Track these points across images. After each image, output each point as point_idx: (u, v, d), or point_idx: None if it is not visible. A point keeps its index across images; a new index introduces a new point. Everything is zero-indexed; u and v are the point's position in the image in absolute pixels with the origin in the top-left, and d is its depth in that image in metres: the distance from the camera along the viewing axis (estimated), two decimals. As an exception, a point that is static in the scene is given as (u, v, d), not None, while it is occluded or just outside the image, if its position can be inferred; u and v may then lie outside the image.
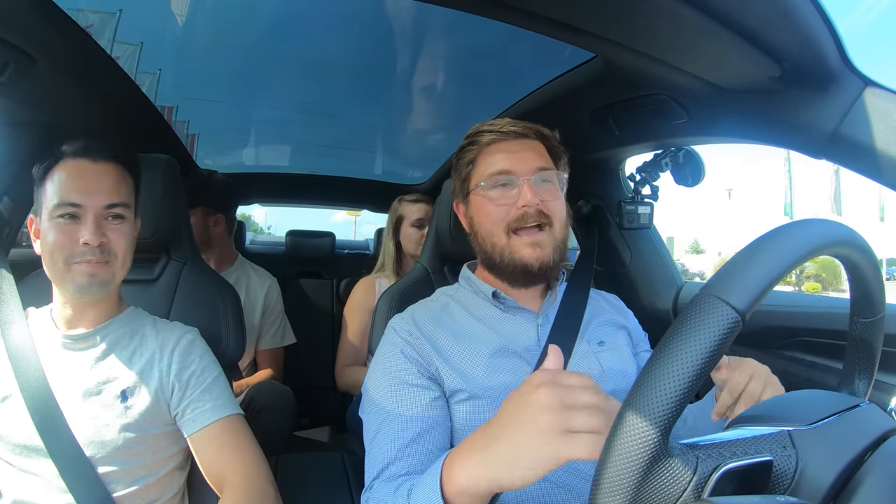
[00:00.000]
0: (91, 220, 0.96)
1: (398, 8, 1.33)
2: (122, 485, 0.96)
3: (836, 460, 0.45)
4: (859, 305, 0.59)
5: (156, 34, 1.43)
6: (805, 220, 0.49)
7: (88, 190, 0.96)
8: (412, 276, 1.35)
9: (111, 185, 0.99)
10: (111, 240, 0.98)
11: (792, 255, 0.44)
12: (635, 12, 0.82)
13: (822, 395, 0.56)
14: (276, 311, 2.16)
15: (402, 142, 2.45)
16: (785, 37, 0.82)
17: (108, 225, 0.98)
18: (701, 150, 1.46)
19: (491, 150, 1.02)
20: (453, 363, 0.95)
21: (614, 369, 1.02)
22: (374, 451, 0.90)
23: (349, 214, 12.11)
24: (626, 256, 1.72)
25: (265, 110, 2.07)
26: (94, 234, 0.95)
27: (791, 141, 1.00)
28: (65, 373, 0.97)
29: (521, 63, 1.49)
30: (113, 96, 1.47)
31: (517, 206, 0.96)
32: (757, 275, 0.42)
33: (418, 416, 0.90)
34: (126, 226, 1.01)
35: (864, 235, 0.53)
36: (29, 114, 1.29)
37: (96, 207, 0.97)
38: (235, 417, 1.03)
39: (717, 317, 0.40)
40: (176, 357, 1.02)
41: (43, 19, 1.03)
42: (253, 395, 1.71)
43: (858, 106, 0.86)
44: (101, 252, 0.96)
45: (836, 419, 0.49)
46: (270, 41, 1.51)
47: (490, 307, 1.04)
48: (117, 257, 0.99)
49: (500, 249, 0.98)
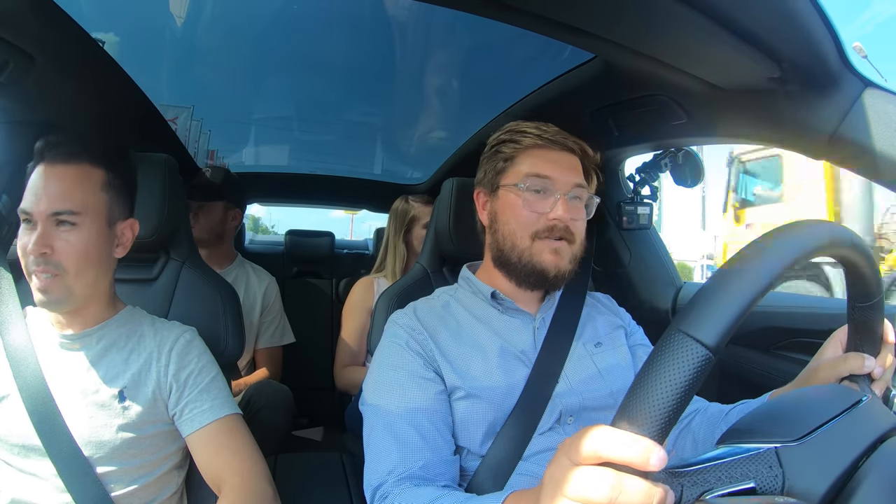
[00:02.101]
0: (39, 227, 0.90)
1: (398, 8, 1.33)
2: (120, 484, 0.96)
3: (824, 476, 0.44)
4: (856, 292, 0.59)
5: (155, 32, 1.42)
6: (766, 237, 0.48)
7: (37, 197, 0.91)
8: (411, 276, 1.35)
9: (61, 190, 0.92)
10: (57, 249, 0.90)
11: (762, 279, 0.43)
12: (635, 13, 0.82)
13: (820, 394, 0.55)
14: (275, 309, 2.15)
15: (402, 141, 2.44)
16: (785, 38, 0.82)
17: (57, 233, 0.91)
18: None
19: (534, 153, 1.02)
20: (453, 361, 0.95)
21: (612, 370, 1.02)
22: (378, 447, 0.89)
23: (346, 213, 12.15)
24: (625, 257, 1.72)
25: (266, 109, 2.07)
26: (35, 244, 0.89)
27: (791, 142, 1.00)
28: (63, 372, 0.97)
29: (520, 63, 1.48)
30: (112, 95, 1.47)
31: (548, 217, 0.97)
32: (726, 309, 0.41)
33: (425, 409, 0.90)
34: (77, 234, 0.92)
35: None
36: (28, 113, 1.29)
37: (42, 215, 0.90)
38: (234, 417, 1.03)
39: (687, 356, 0.40)
40: (174, 357, 1.02)
41: (42, 18, 1.03)
42: (251, 394, 1.71)
43: (858, 107, 0.86)
44: (46, 263, 0.90)
45: (828, 429, 0.48)
46: (271, 41, 1.51)
47: (488, 307, 1.04)
48: (67, 270, 0.91)
49: (519, 251, 0.99)
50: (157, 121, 1.77)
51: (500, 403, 0.93)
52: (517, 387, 0.95)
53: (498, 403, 0.93)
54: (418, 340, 0.97)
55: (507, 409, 0.93)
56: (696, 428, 0.99)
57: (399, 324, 1.00)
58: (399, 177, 2.80)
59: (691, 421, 1.01)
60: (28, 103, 1.25)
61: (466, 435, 0.93)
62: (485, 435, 0.92)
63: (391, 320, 1.03)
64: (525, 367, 0.97)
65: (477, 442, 0.92)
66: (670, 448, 1.01)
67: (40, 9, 1.01)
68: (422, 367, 0.94)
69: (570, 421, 0.95)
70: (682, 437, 1.00)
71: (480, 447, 0.92)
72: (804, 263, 0.48)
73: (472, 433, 0.93)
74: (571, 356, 1.00)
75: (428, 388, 0.92)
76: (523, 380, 0.95)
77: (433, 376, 0.94)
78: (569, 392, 0.96)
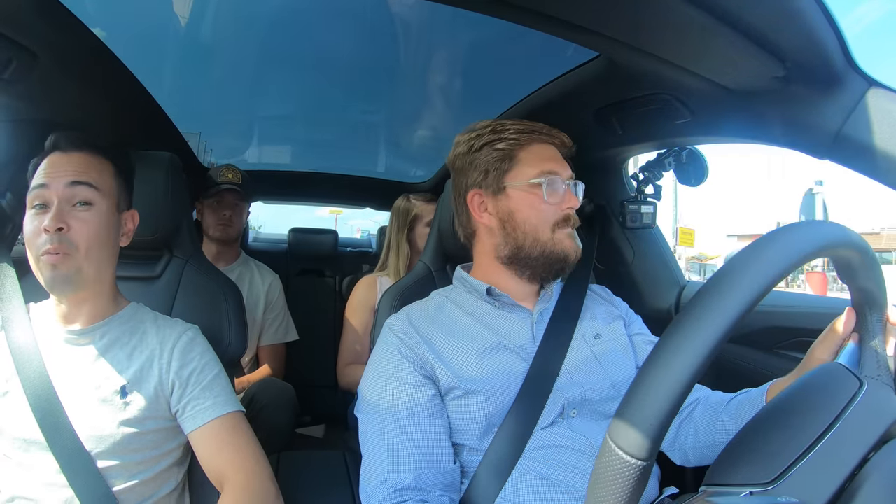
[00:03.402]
0: (55, 205, 0.93)
1: (401, 5, 1.33)
2: (121, 479, 0.96)
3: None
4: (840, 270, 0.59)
5: (158, 30, 1.43)
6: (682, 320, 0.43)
7: (53, 172, 0.95)
8: (414, 274, 1.35)
9: (78, 166, 0.96)
10: (73, 227, 0.93)
11: (692, 365, 0.40)
12: (639, 11, 0.82)
13: (812, 403, 0.52)
14: (279, 307, 2.16)
15: (405, 139, 2.44)
16: (789, 37, 0.81)
17: (73, 212, 0.94)
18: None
19: (535, 150, 1.04)
20: (447, 360, 0.96)
21: (612, 361, 1.03)
22: (372, 454, 0.91)
23: (330, 212, 12.16)
24: (628, 256, 1.72)
25: (268, 107, 2.08)
26: (52, 220, 0.91)
27: (795, 141, 1.00)
28: (66, 368, 0.97)
29: (524, 61, 1.48)
30: (116, 93, 1.47)
31: (561, 208, 1.01)
32: (653, 418, 0.40)
33: (416, 416, 0.91)
34: (93, 214, 0.96)
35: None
36: (31, 110, 1.29)
37: (59, 187, 0.93)
38: (236, 415, 1.03)
39: (622, 471, 0.40)
40: (176, 354, 1.02)
41: (45, 16, 1.03)
42: (254, 392, 1.71)
43: (862, 106, 0.86)
44: (60, 241, 0.91)
45: (805, 464, 0.46)
46: (273, 38, 1.51)
47: (483, 304, 1.05)
48: (79, 249, 0.94)
49: (543, 243, 1.01)
50: (160, 119, 1.78)
51: (497, 398, 0.93)
52: (515, 381, 0.95)
53: (495, 398, 0.93)
54: (410, 345, 0.97)
55: (505, 404, 0.94)
56: (698, 417, 1.00)
57: (391, 329, 1.02)
58: (402, 175, 2.80)
59: (693, 411, 1.02)
60: (31, 101, 1.25)
61: (465, 432, 0.93)
62: (483, 430, 0.93)
63: (385, 326, 1.04)
64: (523, 363, 0.98)
65: (475, 438, 0.93)
66: (672, 441, 1.02)
67: (44, 6, 1.01)
68: (413, 373, 0.95)
69: (573, 414, 0.96)
70: (684, 427, 1.01)
71: (480, 443, 0.93)
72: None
73: (470, 430, 0.93)
74: (571, 348, 1.01)
75: (419, 396, 0.93)
76: (521, 374, 0.96)
77: (425, 381, 0.94)
78: (570, 384, 0.97)
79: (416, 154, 2.59)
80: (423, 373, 0.95)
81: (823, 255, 0.51)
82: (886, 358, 0.64)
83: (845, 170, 0.92)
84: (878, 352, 0.64)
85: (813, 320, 1.25)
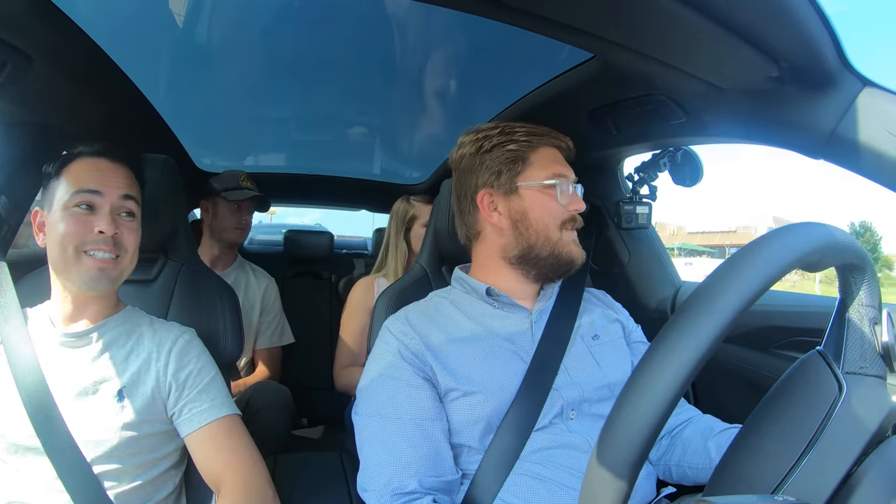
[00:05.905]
0: (107, 210, 0.98)
1: (396, 7, 1.33)
2: (118, 483, 0.96)
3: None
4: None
5: (153, 33, 1.42)
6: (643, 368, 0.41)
7: (106, 181, 1.00)
8: (411, 276, 1.35)
9: (126, 180, 1.03)
10: (123, 234, 0.99)
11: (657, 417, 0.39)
12: (633, 12, 0.82)
13: (794, 411, 0.51)
14: (275, 310, 2.16)
15: (401, 141, 2.44)
16: (783, 37, 0.82)
17: (120, 220, 1.00)
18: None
19: (545, 153, 1.07)
20: (446, 361, 0.96)
21: (609, 362, 1.03)
22: (371, 457, 0.90)
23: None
24: (624, 256, 1.72)
25: (263, 110, 2.07)
26: (109, 224, 0.97)
27: (789, 141, 1.00)
28: (62, 371, 0.97)
29: (519, 63, 1.49)
30: (111, 96, 1.47)
31: (569, 209, 1.04)
32: (628, 455, 0.39)
33: (416, 419, 0.91)
34: (136, 224, 1.03)
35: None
36: (26, 113, 1.28)
37: (113, 197, 0.99)
38: (232, 418, 1.03)
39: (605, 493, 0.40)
40: (173, 357, 1.02)
41: (41, 19, 1.03)
42: (251, 395, 1.71)
43: (856, 106, 0.86)
44: (115, 244, 0.98)
45: (796, 475, 0.46)
46: (267, 40, 1.51)
47: (482, 304, 1.05)
48: (127, 252, 1.01)
49: (552, 243, 1.03)
50: (156, 121, 1.77)
51: (496, 398, 0.93)
52: (514, 381, 0.95)
53: (495, 398, 0.94)
54: (409, 346, 0.97)
55: (504, 404, 0.94)
56: (688, 436, 1.01)
57: (390, 330, 1.01)
58: (398, 176, 2.80)
59: (683, 429, 1.02)
60: (26, 104, 1.25)
61: (466, 432, 0.93)
62: (484, 430, 0.93)
63: (384, 327, 1.04)
64: (522, 362, 0.98)
65: (476, 438, 0.93)
66: (659, 457, 1.02)
67: (39, 9, 1.01)
68: (412, 374, 0.95)
69: (572, 416, 0.96)
70: (674, 444, 1.02)
71: (480, 442, 0.93)
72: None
73: (471, 430, 0.93)
74: (570, 347, 1.02)
75: (418, 397, 0.93)
76: (520, 373, 0.96)
77: (424, 383, 0.94)
78: (569, 384, 0.97)
79: (411, 155, 2.58)
80: (422, 374, 0.95)
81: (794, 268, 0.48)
82: (874, 346, 0.58)
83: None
84: (863, 341, 0.59)
85: (809, 319, 1.26)
